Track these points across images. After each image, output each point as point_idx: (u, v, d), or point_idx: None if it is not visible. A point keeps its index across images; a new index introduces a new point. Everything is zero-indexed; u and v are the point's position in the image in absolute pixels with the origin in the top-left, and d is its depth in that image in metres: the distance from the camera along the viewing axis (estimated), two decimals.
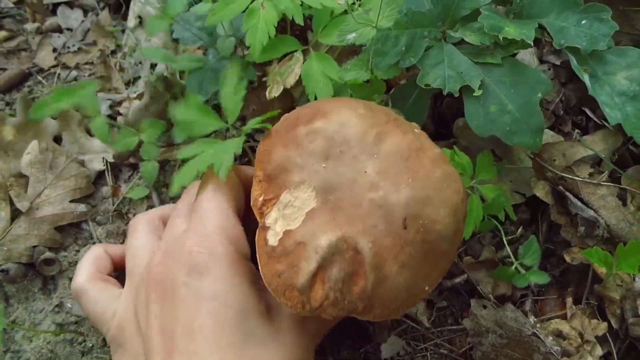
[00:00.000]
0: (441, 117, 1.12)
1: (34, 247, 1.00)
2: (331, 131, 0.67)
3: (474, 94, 0.86)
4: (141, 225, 0.82)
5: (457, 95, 0.86)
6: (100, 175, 1.11)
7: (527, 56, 1.21)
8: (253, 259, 0.68)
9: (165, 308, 0.66)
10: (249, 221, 0.74)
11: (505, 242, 0.94)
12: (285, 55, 0.92)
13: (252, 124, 0.76)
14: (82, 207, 1.05)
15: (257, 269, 0.65)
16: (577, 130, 1.11)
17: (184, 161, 0.75)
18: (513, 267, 0.90)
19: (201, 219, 0.70)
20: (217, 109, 0.84)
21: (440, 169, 0.68)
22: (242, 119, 1.09)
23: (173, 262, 0.68)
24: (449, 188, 0.67)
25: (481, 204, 0.89)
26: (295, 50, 0.90)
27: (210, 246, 0.67)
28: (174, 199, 1.08)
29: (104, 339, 0.96)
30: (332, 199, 0.63)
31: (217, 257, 0.67)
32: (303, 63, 0.89)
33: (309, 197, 0.64)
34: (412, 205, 0.63)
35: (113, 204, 1.07)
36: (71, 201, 1.05)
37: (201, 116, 0.82)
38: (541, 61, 1.23)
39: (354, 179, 0.65)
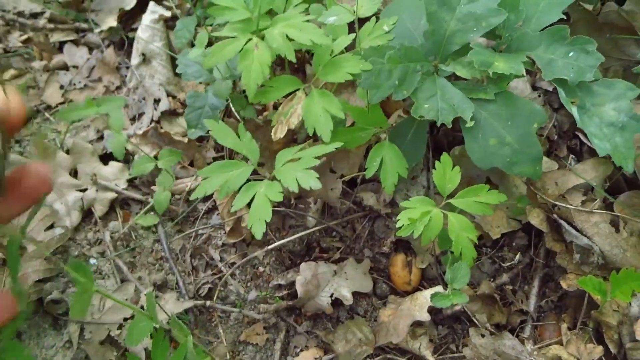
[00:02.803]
0: (437, 146, 1.15)
1: (39, 281, 1.03)
2: None
3: (467, 125, 0.89)
4: None
5: (450, 127, 0.89)
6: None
7: (520, 84, 1.24)
8: None
9: None
10: None
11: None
12: (287, 95, 0.95)
13: None
14: (59, 230, 1.08)
15: None
16: (572, 156, 1.13)
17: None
18: (447, 291, 0.88)
19: None
20: None
21: None
22: None
23: None
24: None
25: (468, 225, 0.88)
26: (297, 89, 0.93)
27: None
28: (180, 230, 1.11)
29: None
30: None
31: None
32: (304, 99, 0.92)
33: None
34: None
35: (122, 229, 1.11)
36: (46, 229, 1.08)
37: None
38: (534, 88, 1.26)
39: None
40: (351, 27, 0.96)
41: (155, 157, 1.07)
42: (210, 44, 1.02)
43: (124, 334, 0.98)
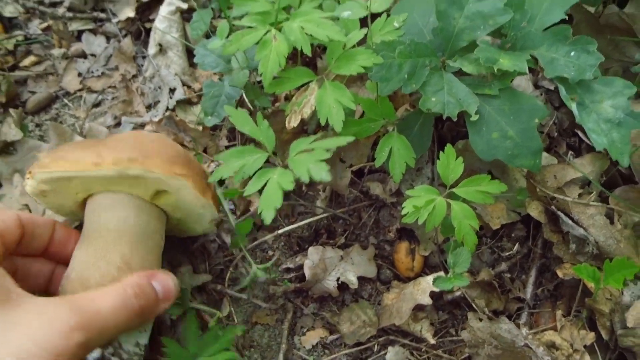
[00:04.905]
0: (442, 139, 1.19)
1: None
2: None
3: (471, 119, 0.94)
4: None
5: (455, 119, 0.93)
6: None
7: (522, 82, 1.29)
8: None
9: None
10: None
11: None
12: (301, 86, 0.99)
13: None
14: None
15: None
16: (570, 152, 1.18)
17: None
18: (449, 275, 0.92)
19: None
20: None
21: None
22: None
23: None
24: None
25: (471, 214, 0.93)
26: (310, 81, 0.97)
27: None
28: None
29: None
30: None
31: None
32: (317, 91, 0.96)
33: None
34: None
35: None
36: None
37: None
38: (536, 86, 1.31)
39: None
40: (363, 21, 1.00)
41: None
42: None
43: None
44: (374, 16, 1.00)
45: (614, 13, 1.23)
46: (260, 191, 0.85)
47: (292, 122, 0.98)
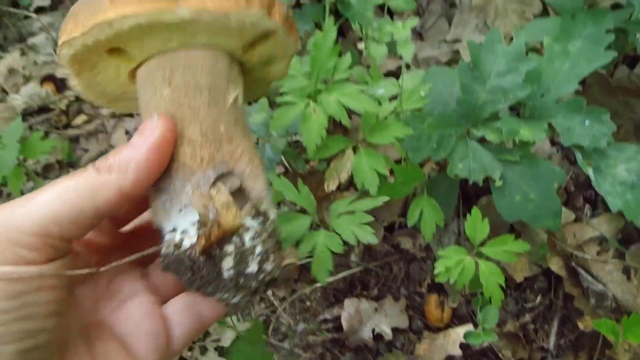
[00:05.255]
0: (465, 194, 1.28)
1: None
2: None
3: (496, 185, 1.03)
4: None
5: (481, 184, 1.02)
6: None
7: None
8: None
9: None
10: None
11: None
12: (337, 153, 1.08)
13: None
14: None
15: None
16: (587, 206, 1.26)
17: None
18: (478, 330, 1.01)
19: None
20: None
21: None
22: None
23: None
24: None
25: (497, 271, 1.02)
26: (346, 147, 1.07)
27: None
28: None
29: None
30: None
31: None
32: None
33: None
34: None
35: None
36: None
37: None
38: (552, 142, 1.40)
39: None
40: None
41: None
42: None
43: None
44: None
45: (625, 76, 1.32)
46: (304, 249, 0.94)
47: (331, 185, 1.07)
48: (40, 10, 2.02)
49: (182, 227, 0.50)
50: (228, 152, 0.53)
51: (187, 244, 0.50)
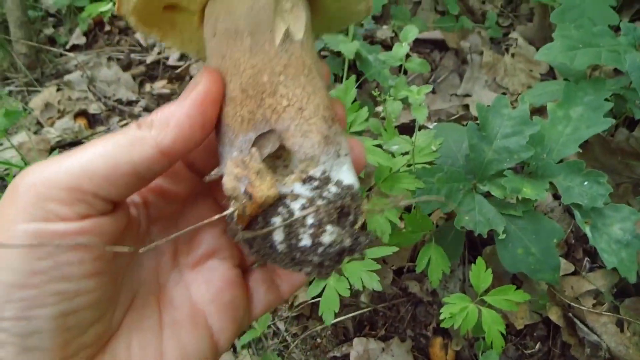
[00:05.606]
0: (471, 243, 1.36)
1: None
2: None
3: (499, 237, 1.11)
4: None
5: (485, 237, 1.10)
6: None
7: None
8: None
9: None
10: None
11: None
12: None
13: None
14: None
15: None
16: (587, 259, 1.33)
17: None
18: None
19: None
20: None
21: None
22: None
23: None
24: None
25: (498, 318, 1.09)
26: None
27: None
28: None
29: None
30: None
31: None
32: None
33: None
34: None
35: None
36: None
37: None
38: (555, 197, 1.48)
39: None
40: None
41: None
42: None
43: None
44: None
45: (624, 139, 1.41)
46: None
47: None
48: (75, 47, 2.16)
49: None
50: (270, 106, 0.45)
51: (235, 216, 0.44)
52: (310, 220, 0.43)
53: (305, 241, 0.43)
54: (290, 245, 0.43)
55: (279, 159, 0.44)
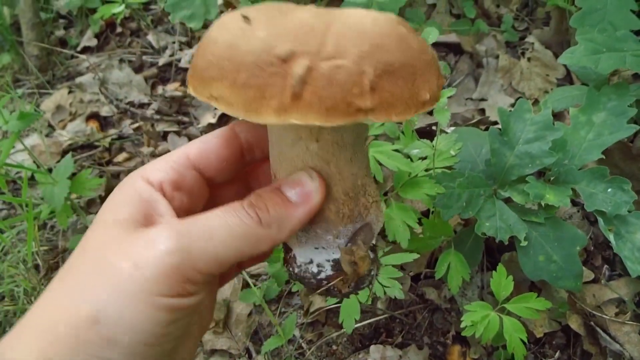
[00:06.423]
0: (489, 249, 1.34)
1: None
2: None
3: (521, 244, 1.09)
4: None
5: (507, 243, 1.08)
6: None
7: None
8: None
9: None
10: None
11: None
12: None
13: None
14: None
15: None
16: (606, 266, 1.31)
17: None
18: None
19: None
20: None
21: None
22: None
23: None
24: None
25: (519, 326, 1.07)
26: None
27: None
28: None
29: None
30: None
31: None
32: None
33: None
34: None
35: None
36: None
37: None
38: (573, 203, 1.46)
39: None
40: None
41: None
42: None
43: None
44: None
45: None
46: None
47: None
48: (86, 49, 2.15)
49: (317, 261, 0.61)
50: (363, 205, 0.60)
51: (322, 275, 0.61)
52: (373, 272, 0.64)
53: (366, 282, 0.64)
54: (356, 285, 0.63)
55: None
